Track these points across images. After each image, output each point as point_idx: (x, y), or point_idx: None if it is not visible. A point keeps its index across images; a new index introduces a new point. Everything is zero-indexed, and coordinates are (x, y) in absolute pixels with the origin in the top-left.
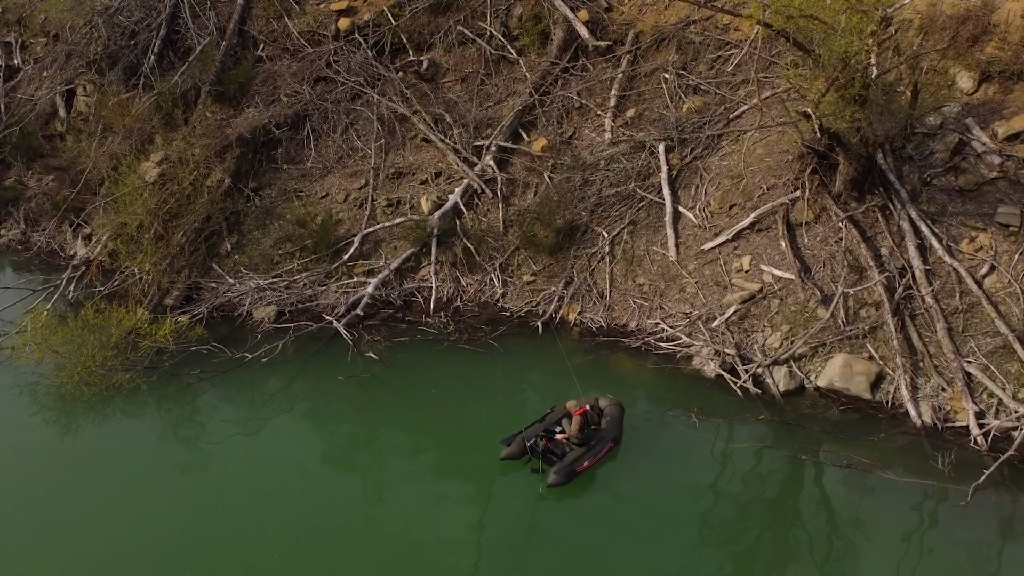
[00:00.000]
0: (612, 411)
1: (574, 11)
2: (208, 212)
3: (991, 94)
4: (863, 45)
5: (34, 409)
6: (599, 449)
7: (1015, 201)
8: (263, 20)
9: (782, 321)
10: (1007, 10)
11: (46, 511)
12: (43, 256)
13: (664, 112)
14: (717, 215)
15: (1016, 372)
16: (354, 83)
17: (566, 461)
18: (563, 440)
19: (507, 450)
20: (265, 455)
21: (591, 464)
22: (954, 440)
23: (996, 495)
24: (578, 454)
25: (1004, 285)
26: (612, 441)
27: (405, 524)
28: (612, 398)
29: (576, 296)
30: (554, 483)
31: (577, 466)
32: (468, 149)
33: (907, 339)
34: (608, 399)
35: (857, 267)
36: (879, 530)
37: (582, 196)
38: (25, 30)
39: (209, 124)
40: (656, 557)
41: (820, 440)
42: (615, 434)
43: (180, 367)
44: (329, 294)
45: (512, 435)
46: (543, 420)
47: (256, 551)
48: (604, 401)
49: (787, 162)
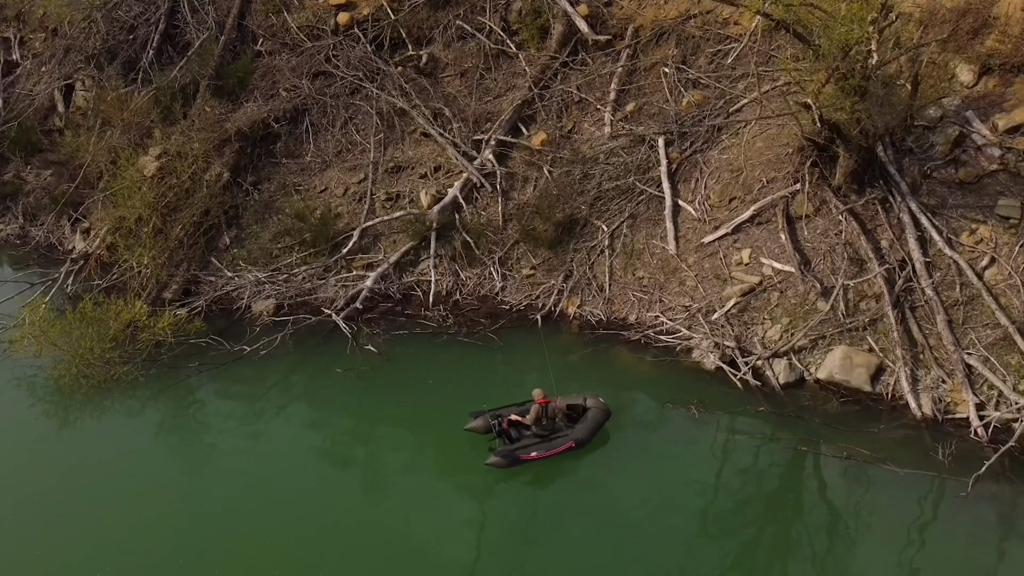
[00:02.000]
0: (594, 414)
1: (573, 5)
2: (207, 206)
3: (991, 87)
4: (864, 33)
5: (32, 402)
6: (555, 445)
7: (1015, 193)
8: (262, 15)
9: (782, 314)
10: (1007, 3)
11: (44, 503)
12: (41, 250)
13: (664, 106)
14: (717, 208)
15: (1016, 364)
16: (353, 78)
17: (513, 446)
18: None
19: (473, 423)
20: (263, 448)
21: (540, 456)
22: (954, 432)
23: (996, 486)
24: (530, 443)
25: (1004, 277)
26: (574, 442)
27: (403, 517)
28: (602, 402)
29: (576, 290)
30: (492, 463)
31: (523, 453)
32: (467, 143)
33: (907, 331)
34: (597, 402)
35: (857, 259)
36: (879, 521)
37: (581, 190)
38: (24, 25)
39: (208, 119)
40: (656, 548)
41: (820, 432)
42: (581, 436)
43: (179, 360)
44: (328, 288)
45: (480, 410)
46: (522, 404)
47: (254, 543)
48: (591, 401)
49: (787, 155)
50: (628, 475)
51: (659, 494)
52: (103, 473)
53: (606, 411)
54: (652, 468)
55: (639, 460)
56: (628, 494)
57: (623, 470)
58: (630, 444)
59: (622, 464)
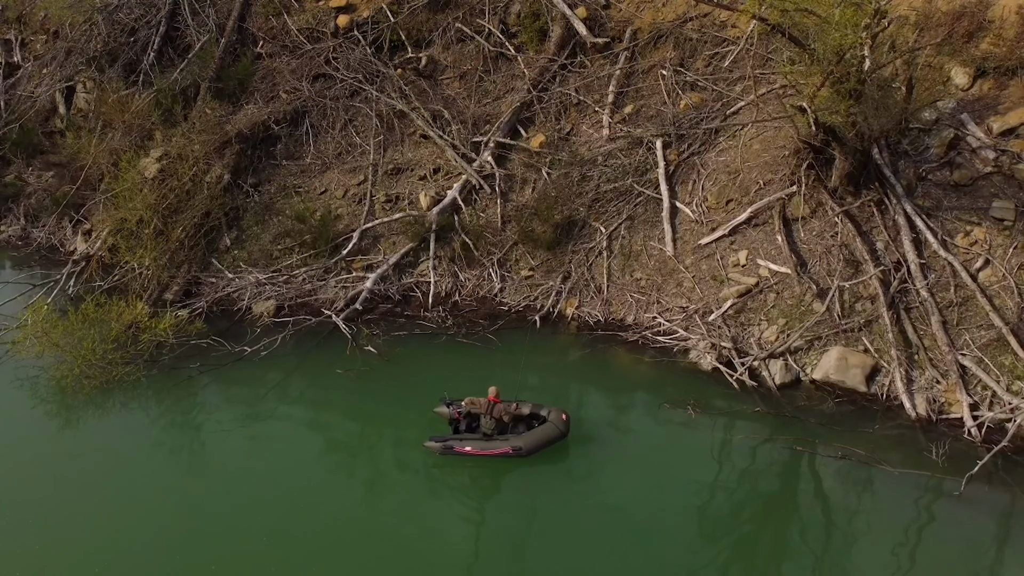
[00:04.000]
0: (545, 428)
1: (572, 8)
2: (207, 208)
3: (986, 89)
4: (857, 38)
5: (35, 402)
6: (493, 447)
7: (1009, 195)
8: (262, 17)
9: (778, 315)
10: (1002, 6)
11: (47, 502)
12: (43, 252)
13: (661, 108)
14: (714, 210)
15: (1010, 364)
16: (353, 80)
17: (450, 436)
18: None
19: (439, 408)
20: (264, 448)
21: (472, 453)
22: (948, 432)
23: (989, 485)
24: (470, 438)
25: (998, 279)
26: (512, 448)
27: (403, 516)
28: (563, 419)
29: (574, 291)
30: (428, 447)
31: (457, 445)
32: (466, 145)
33: (902, 332)
34: (558, 417)
35: (853, 261)
36: (874, 520)
37: (580, 192)
38: (25, 27)
39: (208, 120)
40: (652, 547)
41: (816, 432)
42: (521, 445)
43: (180, 361)
44: (328, 289)
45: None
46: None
47: (255, 542)
48: (553, 416)
49: (783, 157)
50: (625, 475)
51: (656, 493)
52: (105, 472)
53: (561, 431)
54: (649, 468)
55: (636, 460)
56: (625, 493)
57: (620, 470)
58: (627, 444)
59: (619, 463)
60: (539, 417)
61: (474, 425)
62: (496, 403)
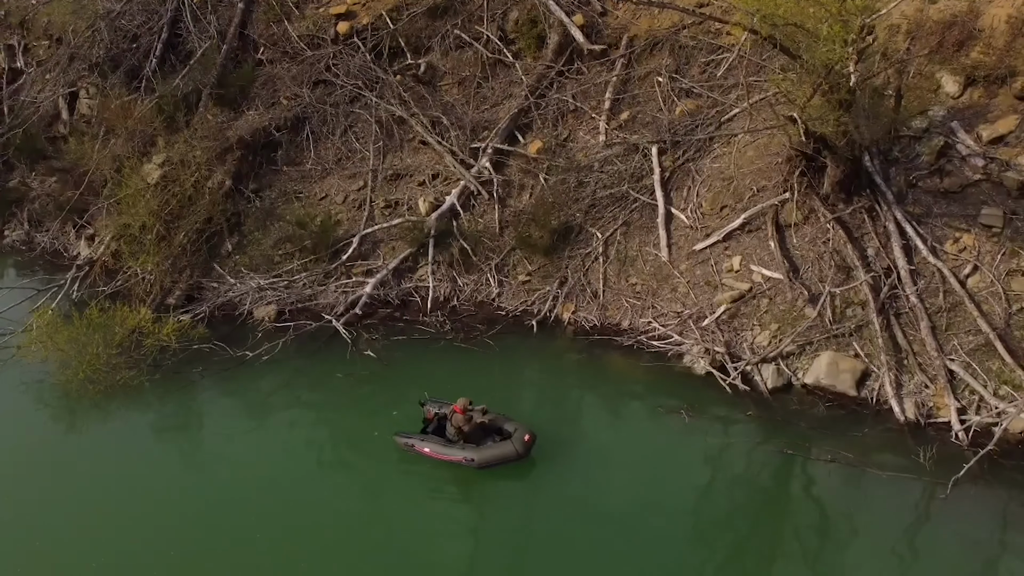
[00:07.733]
0: (503, 446)
1: (569, 15)
2: (209, 213)
3: (976, 98)
4: (843, 53)
5: (39, 406)
6: (450, 453)
7: (998, 203)
8: (263, 24)
9: (771, 320)
10: (992, 16)
11: (50, 504)
12: (47, 256)
13: (657, 115)
14: (708, 216)
15: (997, 369)
16: (353, 86)
17: (415, 434)
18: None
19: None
20: (265, 452)
21: (430, 455)
22: (936, 435)
23: (975, 488)
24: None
25: (987, 285)
26: (465, 459)
27: (402, 519)
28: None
29: (570, 296)
30: (395, 440)
31: (417, 445)
32: (465, 151)
33: (892, 337)
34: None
35: (844, 267)
36: (863, 523)
37: (576, 197)
38: (28, 33)
39: (210, 126)
40: (645, 550)
41: (806, 436)
42: (475, 458)
43: (182, 365)
44: (328, 294)
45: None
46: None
47: (255, 546)
48: (518, 433)
49: (776, 164)
50: (618, 478)
51: (649, 496)
52: (108, 476)
53: (518, 452)
54: (643, 471)
55: (630, 463)
56: (618, 497)
57: (614, 473)
58: (621, 447)
59: (613, 467)
60: (503, 432)
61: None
62: (457, 413)
